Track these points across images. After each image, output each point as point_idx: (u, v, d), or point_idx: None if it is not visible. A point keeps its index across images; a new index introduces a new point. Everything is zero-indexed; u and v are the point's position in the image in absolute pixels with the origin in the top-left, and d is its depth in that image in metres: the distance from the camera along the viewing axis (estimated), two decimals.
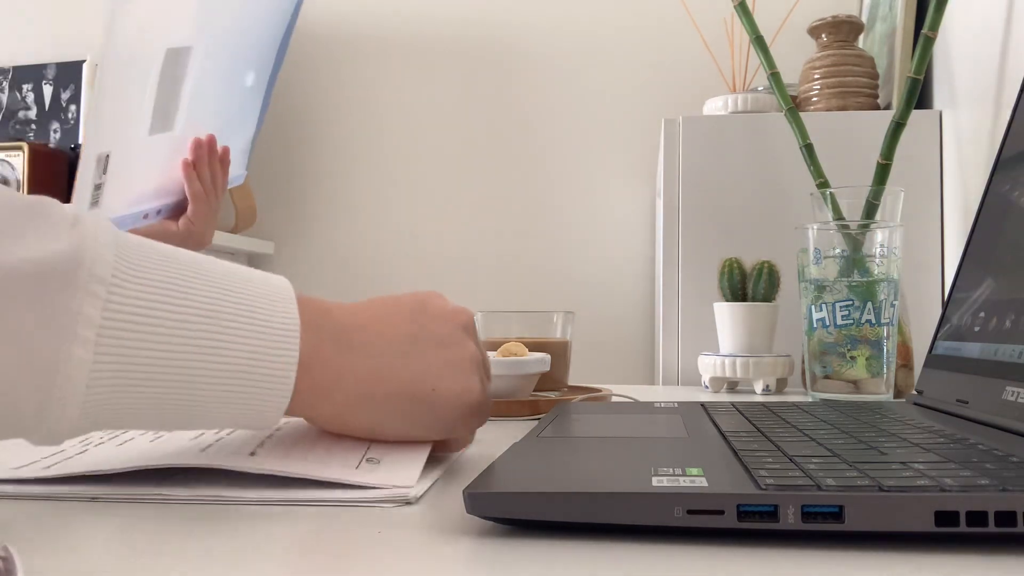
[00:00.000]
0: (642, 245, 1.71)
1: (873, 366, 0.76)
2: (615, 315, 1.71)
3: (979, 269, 0.59)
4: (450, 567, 0.27)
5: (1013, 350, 0.50)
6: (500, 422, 0.65)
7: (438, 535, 0.30)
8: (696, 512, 0.28)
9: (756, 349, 0.92)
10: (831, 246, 0.79)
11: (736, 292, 0.95)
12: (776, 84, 0.95)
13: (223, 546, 0.29)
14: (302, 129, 1.87)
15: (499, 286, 1.78)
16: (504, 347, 0.77)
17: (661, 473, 0.32)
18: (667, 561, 0.27)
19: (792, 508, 0.28)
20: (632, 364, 1.70)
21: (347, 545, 0.29)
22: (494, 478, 0.32)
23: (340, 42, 1.85)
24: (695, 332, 1.17)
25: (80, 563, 0.27)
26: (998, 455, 0.34)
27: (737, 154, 1.18)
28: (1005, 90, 0.87)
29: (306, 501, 0.35)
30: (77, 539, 0.30)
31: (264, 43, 1.07)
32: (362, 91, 1.85)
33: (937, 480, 0.29)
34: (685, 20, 1.65)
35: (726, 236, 1.17)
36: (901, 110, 0.88)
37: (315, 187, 1.86)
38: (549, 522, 0.29)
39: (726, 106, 1.25)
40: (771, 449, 0.37)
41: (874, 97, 1.19)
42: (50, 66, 1.90)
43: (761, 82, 1.33)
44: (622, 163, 1.75)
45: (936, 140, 1.13)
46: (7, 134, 1.89)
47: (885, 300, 0.76)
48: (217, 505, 0.35)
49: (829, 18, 1.19)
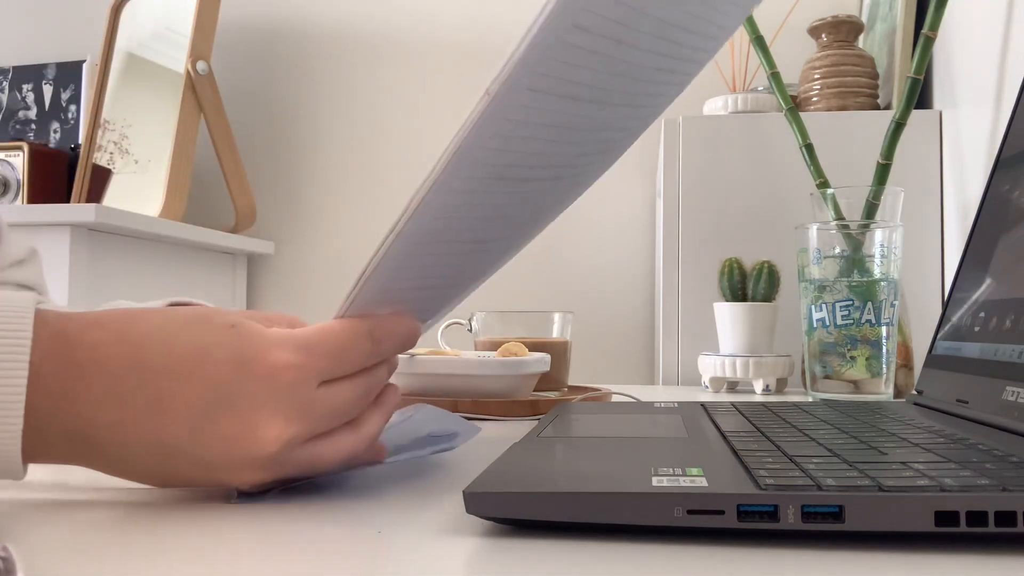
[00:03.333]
0: (642, 245, 1.71)
1: (873, 366, 0.76)
2: (615, 315, 1.71)
3: (979, 269, 0.59)
4: (450, 567, 0.27)
5: (1013, 350, 0.50)
6: (500, 422, 0.65)
7: (438, 535, 0.30)
8: (696, 512, 0.28)
9: (756, 349, 0.92)
10: (831, 246, 0.78)
11: (736, 292, 0.95)
12: (776, 84, 0.95)
13: (223, 546, 0.29)
14: (302, 129, 1.87)
15: (499, 286, 1.78)
16: (504, 347, 0.77)
17: (661, 473, 0.32)
18: (667, 561, 0.27)
19: (792, 508, 0.28)
20: (632, 364, 1.70)
21: (347, 545, 0.29)
22: (494, 478, 0.32)
23: (341, 42, 1.85)
24: (695, 332, 1.17)
25: (80, 563, 0.27)
26: (998, 455, 0.34)
27: (737, 154, 1.18)
28: (1005, 90, 0.87)
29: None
30: (77, 539, 0.30)
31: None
32: (362, 91, 1.85)
33: (937, 480, 0.29)
34: None
35: (726, 236, 1.17)
36: (901, 110, 0.88)
37: (315, 187, 1.86)
38: (549, 522, 0.29)
39: (726, 106, 1.25)
40: (771, 449, 0.37)
41: (874, 97, 1.19)
42: (50, 66, 1.90)
43: (761, 82, 1.33)
44: (622, 163, 1.74)
45: (936, 140, 1.13)
46: (7, 134, 1.89)
47: (885, 300, 0.76)
48: (217, 505, 0.35)
49: (829, 18, 1.19)
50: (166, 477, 0.35)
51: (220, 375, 0.34)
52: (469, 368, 0.70)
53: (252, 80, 1.89)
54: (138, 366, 0.33)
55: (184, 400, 0.33)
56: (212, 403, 0.33)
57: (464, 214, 0.35)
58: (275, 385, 0.34)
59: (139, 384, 0.33)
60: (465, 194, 0.34)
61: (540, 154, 0.35)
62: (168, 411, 0.33)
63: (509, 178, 0.35)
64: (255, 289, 1.86)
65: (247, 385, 0.34)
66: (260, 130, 1.88)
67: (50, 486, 0.39)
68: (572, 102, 0.33)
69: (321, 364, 0.35)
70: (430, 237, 0.35)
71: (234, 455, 0.34)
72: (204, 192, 1.85)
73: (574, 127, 0.35)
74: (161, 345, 0.34)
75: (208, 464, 0.34)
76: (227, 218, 1.82)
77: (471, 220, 0.36)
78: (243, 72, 1.89)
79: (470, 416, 0.67)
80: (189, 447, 0.34)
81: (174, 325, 0.34)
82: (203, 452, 0.34)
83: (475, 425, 0.49)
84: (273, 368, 0.34)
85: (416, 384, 0.71)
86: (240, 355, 0.34)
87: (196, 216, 1.83)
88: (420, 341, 0.48)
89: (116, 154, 1.68)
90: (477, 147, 0.32)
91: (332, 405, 0.35)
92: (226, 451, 0.34)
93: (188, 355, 0.34)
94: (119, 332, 0.34)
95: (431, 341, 0.98)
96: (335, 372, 0.35)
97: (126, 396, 0.33)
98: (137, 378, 0.33)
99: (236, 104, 1.86)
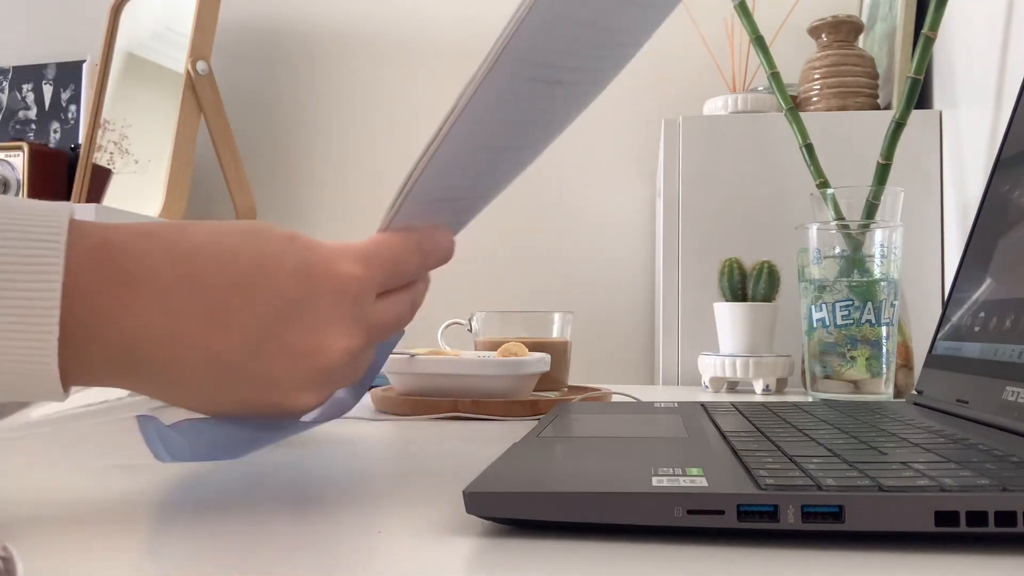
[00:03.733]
0: (642, 245, 1.71)
1: (873, 366, 0.76)
2: (615, 315, 1.71)
3: (979, 269, 0.59)
4: (450, 567, 0.27)
5: (1013, 350, 0.50)
6: (500, 422, 0.65)
7: (438, 535, 0.30)
8: (696, 512, 0.28)
9: (756, 349, 0.92)
10: (831, 246, 0.78)
11: (736, 292, 0.95)
12: (776, 84, 0.95)
13: (222, 546, 0.29)
14: (302, 129, 1.87)
15: (499, 286, 1.78)
16: (504, 347, 0.77)
17: (661, 473, 0.32)
18: (667, 561, 0.27)
19: (792, 508, 0.28)
20: (632, 364, 1.70)
21: (347, 545, 0.29)
22: (494, 478, 0.32)
23: (341, 42, 1.85)
24: (695, 332, 1.17)
25: (80, 563, 0.27)
26: (998, 455, 0.34)
27: (737, 154, 1.18)
28: (1005, 90, 0.87)
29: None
30: (77, 539, 0.30)
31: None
32: (362, 91, 1.85)
33: (937, 480, 0.29)
34: (685, 20, 1.65)
35: (726, 236, 1.17)
36: (901, 110, 0.88)
37: (315, 187, 1.86)
38: (549, 522, 0.29)
39: (726, 106, 1.25)
40: (771, 449, 0.37)
41: (874, 97, 1.19)
42: (50, 66, 1.90)
43: (761, 82, 1.33)
44: (622, 163, 1.74)
45: (936, 140, 1.13)
46: (7, 134, 1.89)
47: (885, 300, 0.76)
48: (217, 505, 0.35)
49: (829, 18, 1.19)
50: (219, 399, 0.33)
51: (285, 286, 0.32)
52: (469, 368, 0.70)
53: (252, 80, 1.89)
54: (193, 278, 0.31)
55: (247, 313, 0.31)
56: (277, 315, 0.32)
57: (498, 117, 0.36)
58: (341, 297, 0.33)
59: (195, 296, 0.31)
60: (504, 98, 0.35)
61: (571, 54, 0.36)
62: (228, 324, 0.31)
63: (543, 80, 0.35)
64: None
65: (313, 297, 0.33)
66: (260, 130, 1.88)
67: (50, 485, 0.39)
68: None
69: (379, 276, 0.35)
70: (469, 143, 0.36)
71: (298, 369, 0.33)
72: (204, 192, 1.85)
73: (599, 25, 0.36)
74: (219, 256, 0.32)
75: (267, 381, 0.32)
76: (227, 218, 1.82)
77: (504, 125, 0.37)
78: (243, 72, 1.89)
79: (470, 416, 0.67)
80: (249, 362, 0.32)
81: (229, 237, 0.33)
82: (264, 367, 0.32)
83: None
84: (339, 280, 0.33)
85: (416, 384, 0.71)
86: (304, 266, 0.33)
87: (196, 216, 1.84)
88: (420, 341, 0.48)
89: (116, 154, 1.68)
90: (521, 47, 0.32)
91: (388, 317, 0.36)
92: (290, 365, 0.32)
93: (249, 266, 0.32)
94: (169, 242, 0.32)
95: (431, 341, 0.98)
96: (389, 284, 0.36)
97: (180, 309, 0.31)
98: (192, 290, 0.31)
99: (236, 104, 1.86)
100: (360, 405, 0.76)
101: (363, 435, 0.57)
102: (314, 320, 0.33)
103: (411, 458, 0.47)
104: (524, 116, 0.38)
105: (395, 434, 0.57)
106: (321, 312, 0.33)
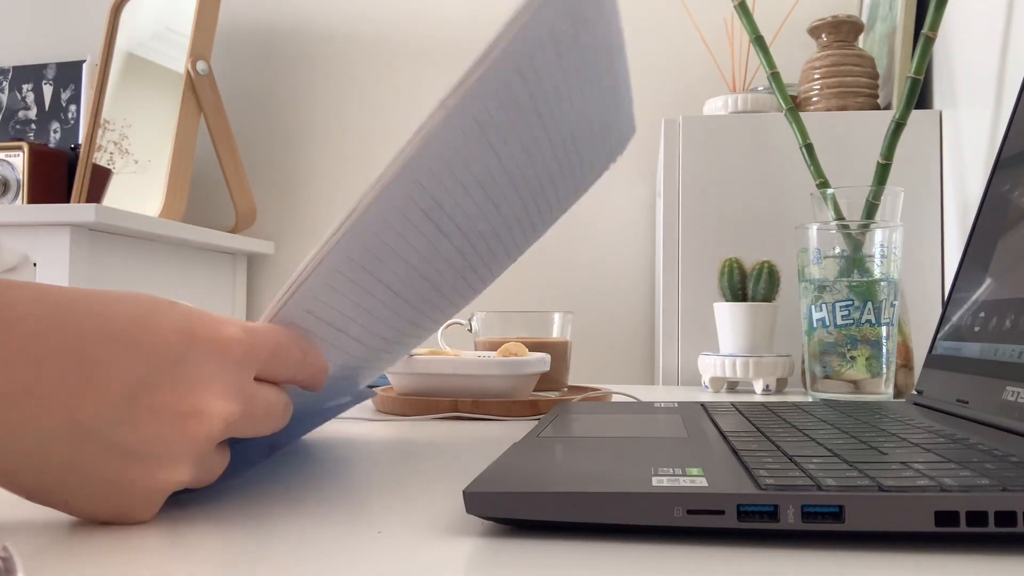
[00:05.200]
0: (642, 245, 1.71)
1: (873, 366, 0.76)
2: (615, 315, 1.71)
3: (979, 269, 0.59)
4: (450, 567, 0.27)
5: (1013, 350, 0.50)
6: (500, 422, 0.65)
7: (438, 535, 0.30)
8: (696, 512, 0.28)
9: (756, 349, 0.92)
10: (831, 246, 0.79)
11: (736, 292, 0.95)
12: (776, 84, 0.95)
13: (222, 546, 0.29)
14: (302, 129, 1.87)
15: (499, 286, 1.78)
16: (504, 347, 0.77)
17: (661, 473, 0.32)
18: (667, 561, 0.27)
19: (792, 508, 0.28)
20: (632, 364, 1.70)
21: (347, 545, 0.29)
22: (494, 478, 0.32)
23: (340, 42, 1.85)
24: (695, 332, 1.17)
25: (80, 563, 0.27)
26: (998, 455, 0.34)
27: (737, 154, 1.18)
28: (1005, 90, 0.87)
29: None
30: (77, 539, 0.30)
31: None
32: (362, 91, 1.85)
33: (937, 480, 0.29)
34: (685, 20, 1.65)
35: (726, 236, 1.17)
36: (901, 110, 0.88)
37: (315, 187, 1.86)
38: (549, 522, 0.29)
39: (726, 106, 1.25)
40: (771, 449, 0.37)
41: (874, 97, 1.19)
42: (50, 66, 1.90)
43: (761, 82, 1.33)
44: (622, 163, 1.74)
45: (936, 140, 1.13)
46: (7, 134, 1.89)
47: (885, 300, 0.76)
48: (218, 505, 0.35)
49: (829, 18, 1.19)
50: (60, 475, 0.29)
51: (167, 341, 0.30)
52: (469, 368, 0.70)
53: (252, 80, 1.89)
54: (65, 326, 0.28)
55: (121, 367, 0.28)
56: (153, 372, 0.29)
57: (387, 239, 0.35)
58: (224, 357, 0.31)
59: (65, 344, 0.28)
60: (390, 221, 0.34)
61: (466, 213, 0.37)
62: (97, 379, 0.28)
63: (431, 219, 0.36)
64: (255, 289, 1.86)
65: (195, 354, 0.30)
66: (260, 130, 1.88)
67: None
68: (496, 160, 0.35)
69: (262, 353, 0.33)
70: (352, 264, 0.35)
71: (171, 436, 0.29)
72: (204, 192, 1.85)
73: (501, 185, 0.37)
74: (96, 308, 0.29)
75: (129, 451, 0.29)
76: (227, 218, 1.82)
77: (390, 254, 0.36)
78: (243, 72, 1.89)
79: (470, 416, 0.67)
80: (111, 427, 0.28)
81: (108, 295, 0.30)
82: (128, 433, 0.29)
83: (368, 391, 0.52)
84: (224, 342, 0.31)
85: (416, 384, 0.71)
86: (187, 324, 0.30)
87: (196, 216, 1.84)
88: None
89: (116, 154, 1.68)
90: (419, 168, 0.33)
91: (267, 403, 0.34)
92: (159, 431, 0.29)
93: (129, 319, 0.29)
94: (42, 291, 0.29)
95: (431, 341, 0.98)
96: (268, 369, 0.34)
97: (46, 357, 0.28)
98: (62, 337, 0.28)
99: (236, 104, 1.86)
100: (360, 405, 0.76)
101: (363, 435, 0.57)
102: (195, 379, 0.30)
103: (411, 458, 0.47)
104: (413, 255, 0.37)
105: (395, 434, 0.58)
106: (203, 371, 0.30)
